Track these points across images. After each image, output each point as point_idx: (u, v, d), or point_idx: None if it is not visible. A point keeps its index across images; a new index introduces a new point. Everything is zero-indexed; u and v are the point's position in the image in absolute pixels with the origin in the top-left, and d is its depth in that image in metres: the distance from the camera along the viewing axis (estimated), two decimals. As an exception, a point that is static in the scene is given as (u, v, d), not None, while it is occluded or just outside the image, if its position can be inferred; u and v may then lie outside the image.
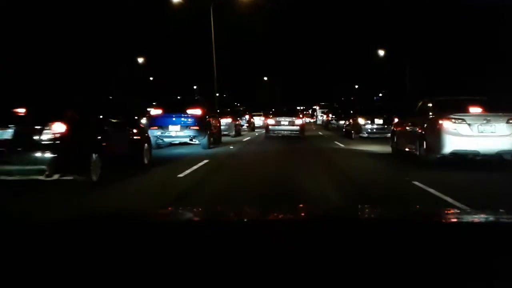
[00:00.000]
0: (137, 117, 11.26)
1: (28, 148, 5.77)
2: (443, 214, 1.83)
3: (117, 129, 7.66)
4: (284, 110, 19.45)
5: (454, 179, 6.96)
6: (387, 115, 16.44)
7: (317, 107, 47.90)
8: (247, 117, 27.45)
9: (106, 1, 31.95)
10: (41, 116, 5.91)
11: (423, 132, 8.67)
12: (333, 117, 29.82)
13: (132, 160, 8.12)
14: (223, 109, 22.71)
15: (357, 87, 59.55)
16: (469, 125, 7.88)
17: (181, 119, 12.56)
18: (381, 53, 36.45)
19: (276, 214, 1.78)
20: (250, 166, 9.22)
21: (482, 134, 7.83)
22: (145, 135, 9.12)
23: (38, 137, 5.77)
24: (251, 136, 20.91)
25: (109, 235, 1.24)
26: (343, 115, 24.02)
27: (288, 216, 1.72)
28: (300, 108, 33.96)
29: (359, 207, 2.87)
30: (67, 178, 5.96)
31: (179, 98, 14.59)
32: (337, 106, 38.03)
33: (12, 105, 6.18)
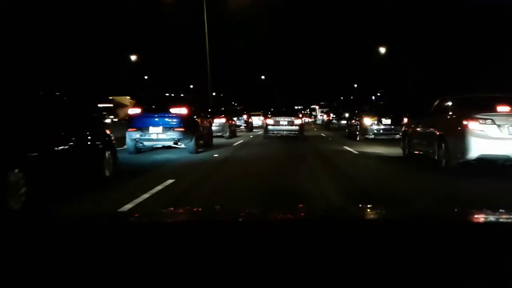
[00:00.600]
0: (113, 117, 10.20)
1: None
2: (443, 214, 1.78)
3: (56, 135, 5.67)
4: (283, 110, 19.06)
5: (488, 188, 6.01)
6: (395, 115, 15.42)
7: (316, 107, 47.63)
8: (245, 117, 26.19)
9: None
10: None
11: (443, 134, 7.71)
12: (334, 116, 28.92)
13: (88, 173, 6.31)
14: (217, 108, 21.43)
15: (356, 86, 59.40)
16: (498, 126, 6.90)
17: (164, 119, 10.97)
18: (381, 51, 35.55)
19: (276, 215, 1.77)
20: (230, 192, 5.98)
21: (515, 136, 6.88)
22: (106, 139, 7.15)
23: None
24: (247, 138, 19.30)
25: (107, 236, 1.23)
26: (345, 115, 23.12)
27: (287, 216, 1.71)
28: (297, 107, 34.08)
29: (360, 206, 2.85)
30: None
31: (162, 95, 12.78)
32: (336, 105, 37.34)
33: None
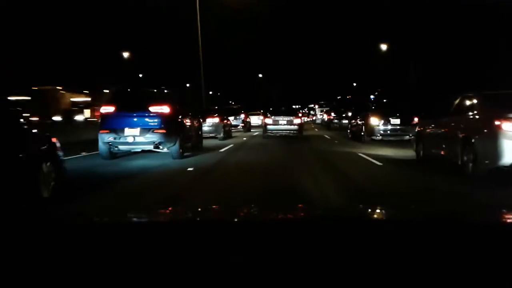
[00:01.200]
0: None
1: None
2: (444, 215, 1.69)
3: None
4: (283, 109, 18.91)
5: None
6: (404, 114, 14.33)
7: (316, 106, 47.12)
8: (242, 116, 25.25)
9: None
10: None
11: (469, 136, 6.76)
12: (335, 116, 28.02)
13: (11, 194, 4.55)
14: (209, 107, 20.17)
15: (355, 85, 58.94)
16: (538, 127, 5.98)
17: (142, 119, 9.42)
18: (380, 48, 34.78)
19: (275, 215, 1.75)
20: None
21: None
22: (45, 147, 5.34)
23: None
24: (242, 139, 17.94)
25: (106, 236, 1.20)
26: (347, 114, 22.19)
27: (287, 217, 1.68)
28: (295, 107, 34.59)
29: (360, 207, 2.77)
30: None
31: (140, 89, 10.93)
32: (336, 104, 36.71)
33: None
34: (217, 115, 17.38)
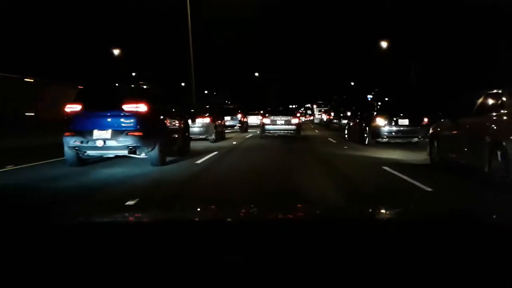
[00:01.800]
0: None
1: None
2: (444, 215, 1.69)
3: None
4: (280, 109, 19.09)
5: None
6: (413, 114, 13.27)
7: (314, 106, 46.59)
8: (239, 116, 24.26)
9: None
10: None
11: (500, 140, 5.88)
12: (334, 115, 27.22)
13: None
14: (201, 106, 18.60)
15: (353, 84, 58.42)
16: None
17: (114, 119, 8.10)
18: (380, 47, 34.11)
19: (275, 214, 1.73)
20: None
21: None
22: None
23: None
24: (236, 141, 16.44)
25: (104, 236, 1.21)
26: (346, 114, 21.39)
27: (287, 217, 1.66)
28: (292, 106, 34.89)
29: (360, 207, 2.75)
30: None
31: (113, 84, 9.09)
32: (334, 104, 36.12)
33: None
34: (208, 114, 15.97)
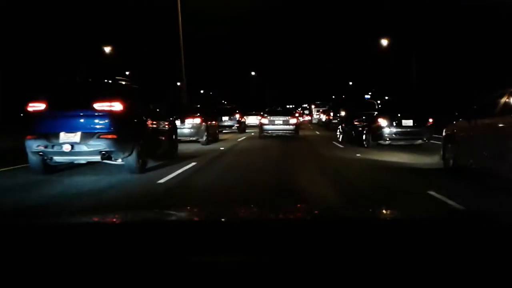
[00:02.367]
0: None
1: None
2: (444, 216, 1.68)
3: None
4: (279, 109, 19.43)
5: None
6: (418, 114, 12.66)
7: (313, 106, 46.49)
8: (237, 116, 23.71)
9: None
10: None
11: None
12: (334, 116, 26.70)
13: None
14: (192, 105, 17.34)
15: (351, 83, 58.21)
16: None
17: (84, 119, 7.06)
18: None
19: (275, 215, 1.72)
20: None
21: None
22: None
23: None
24: (230, 143, 15.46)
25: (103, 236, 1.21)
26: (340, 113, 20.95)
27: (286, 217, 1.66)
28: (289, 106, 34.88)
29: (359, 207, 2.80)
30: None
31: (84, 80, 8.15)
32: (332, 104, 35.78)
33: None
34: (199, 114, 14.92)
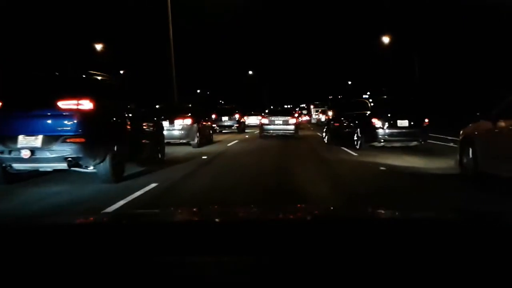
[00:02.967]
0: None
1: None
2: (444, 216, 1.66)
3: None
4: (279, 109, 20.05)
5: None
6: (414, 115, 11.88)
7: (311, 106, 46.55)
8: (237, 116, 23.37)
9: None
10: None
11: None
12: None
13: None
14: (182, 105, 15.96)
15: (350, 83, 58.18)
16: None
17: (47, 120, 6.11)
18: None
19: (275, 215, 1.71)
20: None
21: None
22: None
23: None
24: (225, 145, 14.54)
25: (103, 236, 1.20)
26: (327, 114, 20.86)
27: (286, 217, 1.67)
28: (287, 106, 35.55)
29: (359, 207, 2.88)
30: None
31: (49, 75, 6.77)
32: (331, 104, 35.69)
33: None
34: (190, 115, 13.67)
